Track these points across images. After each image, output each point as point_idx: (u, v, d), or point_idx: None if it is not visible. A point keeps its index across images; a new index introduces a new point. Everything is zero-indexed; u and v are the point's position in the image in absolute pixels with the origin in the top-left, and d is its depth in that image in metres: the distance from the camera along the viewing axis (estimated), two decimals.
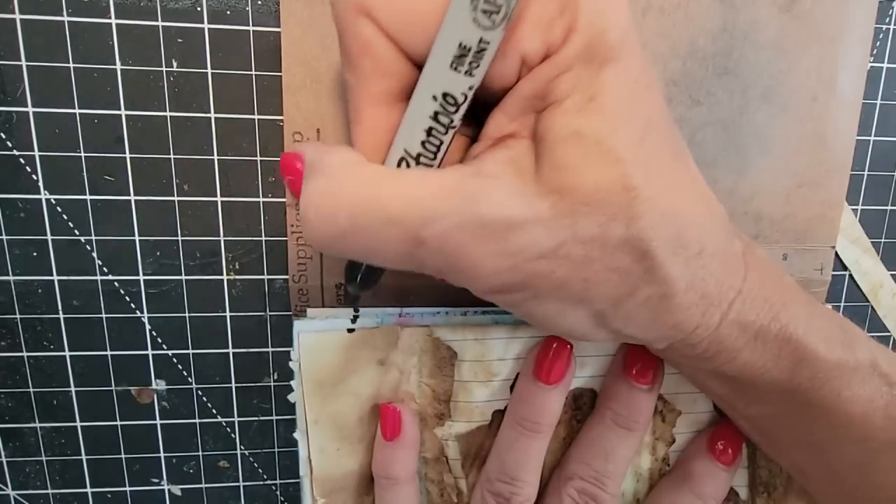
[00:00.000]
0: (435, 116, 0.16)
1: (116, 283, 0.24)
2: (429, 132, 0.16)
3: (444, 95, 0.15)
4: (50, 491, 0.26)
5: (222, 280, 0.24)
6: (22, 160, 0.22)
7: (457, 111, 0.15)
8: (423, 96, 0.16)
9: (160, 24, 0.21)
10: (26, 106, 0.22)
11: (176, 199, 0.23)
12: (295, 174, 0.19)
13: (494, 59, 0.15)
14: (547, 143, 0.15)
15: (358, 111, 0.16)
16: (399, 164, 0.16)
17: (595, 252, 0.15)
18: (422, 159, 0.16)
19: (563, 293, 0.16)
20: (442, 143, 0.16)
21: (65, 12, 0.21)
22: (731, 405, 0.22)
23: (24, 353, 0.24)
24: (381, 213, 0.15)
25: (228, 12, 0.22)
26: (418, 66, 0.16)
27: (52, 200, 0.23)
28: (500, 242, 0.15)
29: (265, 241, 0.24)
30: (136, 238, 0.23)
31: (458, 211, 0.15)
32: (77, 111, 0.22)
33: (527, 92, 0.15)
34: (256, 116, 0.23)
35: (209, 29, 0.22)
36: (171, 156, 0.23)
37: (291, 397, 0.24)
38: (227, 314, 0.25)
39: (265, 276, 0.24)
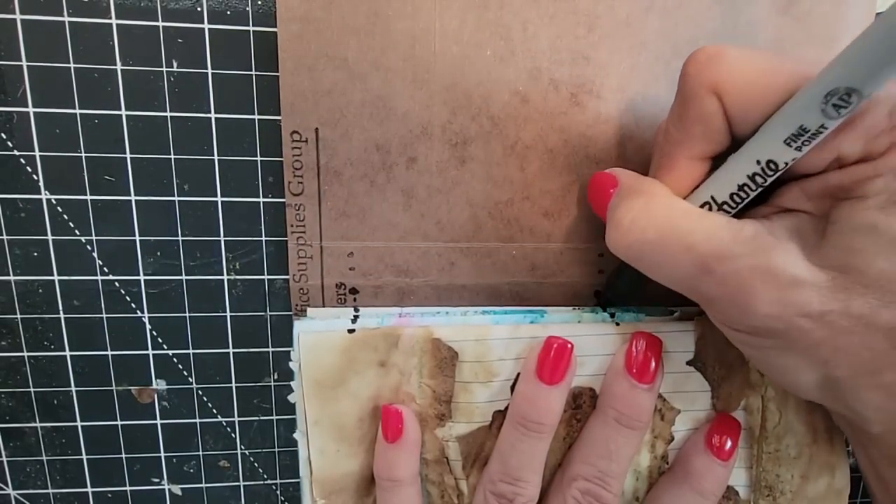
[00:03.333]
0: (752, 177, 0.18)
1: (117, 283, 0.24)
2: (740, 188, 0.19)
3: (769, 162, 0.18)
4: (50, 490, 0.26)
5: (222, 280, 0.24)
6: (22, 160, 0.22)
7: (772, 176, 0.18)
8: (747, 158, 0.18)
9: (160, 24, 0.21)
10: (27, 106, 0.22)
11: (176, 199, 0.23)
12: (603, 193, 0.22)
13: (812, 149, 0.17)
14: (840, 226, 0.17)
15: (673, 160, 0.20)
16: (702, 206, 0.20)
17: (857, 328, 0.17)
18: (724, 207, 0.19)
19: (811, 353, 0.18)
20: (746, 198, 0.19)
21: (65, 12, 0.21)
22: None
23: (25, 353, 0.24)
24: (684, 240, 0.18)
25: (228, 12, 0.22)
26: (733, 136, 0.19)
27: (53, 200, 0.23)
28: (780, 292, 0.17)
29: (265, 241, 0.24)
30: (137, 238, 0.23)
31: (753, 256, 0.17)
32: (77, 111, 0.22)
33: (834, 182, 0.18)
34: (256, 116, 0.23)
35: (209, 29, 0.22)
36: (171, 156, 0.23)
37: (291, 398, 0.24)
38: (227, 314, 0.25)
39: (265, 276, 0.24)
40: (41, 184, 0.22)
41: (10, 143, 0.22)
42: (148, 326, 0.24)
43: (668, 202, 0.19)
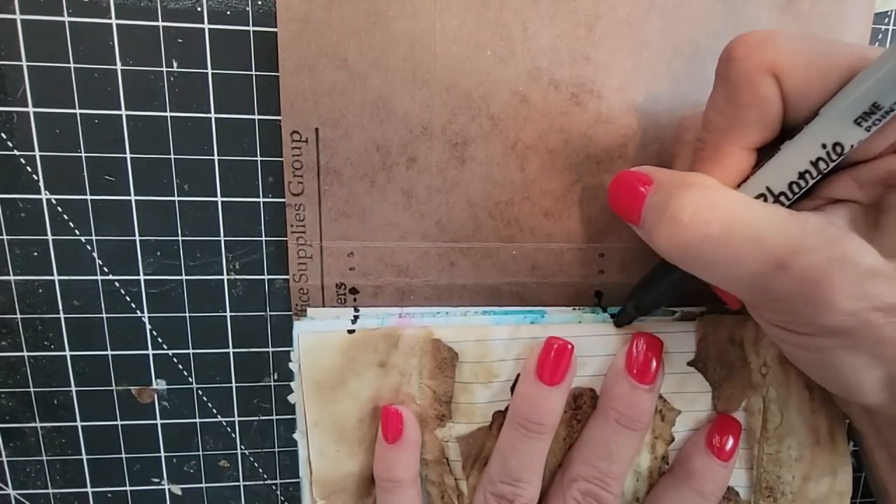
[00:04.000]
0: (815, 162, 0.17)
1: (117, 283, 0.24)
2: (801, 175, 0.18)
3: (835, 145, 0.17)
4: (50, 490, 0.26)
5: (222, 280, 0.24)
6: (22, 160, 0.22)
7: (836, 160, 0.17)
8: (809, 142, 0.17)
9: (160, 24, 0.21)
10: (27, 106, 0.22)
11: (176, 199, 0.23)
12: (633, 192, 0.20)
13: (872, 134, 0.16)
14: None
15: (721, 150, 0.18)
16: (756, 199, 0.18)
17: None
18: (781, 198, 0.18)
19: (879, 349, 0.17)
20: (805, 186, 0.18)
21: (65, 12, 0.21)
22: None
23: (25, 353, 0.24)
24: (751, 232, 0.17)
25: (228, 12, 0.22)
26: (785, 123, 0.18)
27: (53, 200, 0.23)
28: (859, 286, 0.16)
29: (265, 241, 0.24)
30: (137, 238, 0.23)
31: (828, 249, 0.16)
32: (77, 111, 0.22)
33: (890, 167, 0.17)
34: (256, 116, 0.23)
35: (209, 29, 0.22)
36: (171, 156, 0.23)
37: (291, 398, 0.24)
38: (227, 314, 0.25)
39: (265, 276, 0.24)
40: (41, 184, 0.22)
41: (10, 143, 0.22)
42: (148, 326, 0.24)
43: (729, 194, 0.18)
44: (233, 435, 0.26)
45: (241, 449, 0.26)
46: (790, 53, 0.17)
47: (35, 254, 0.23)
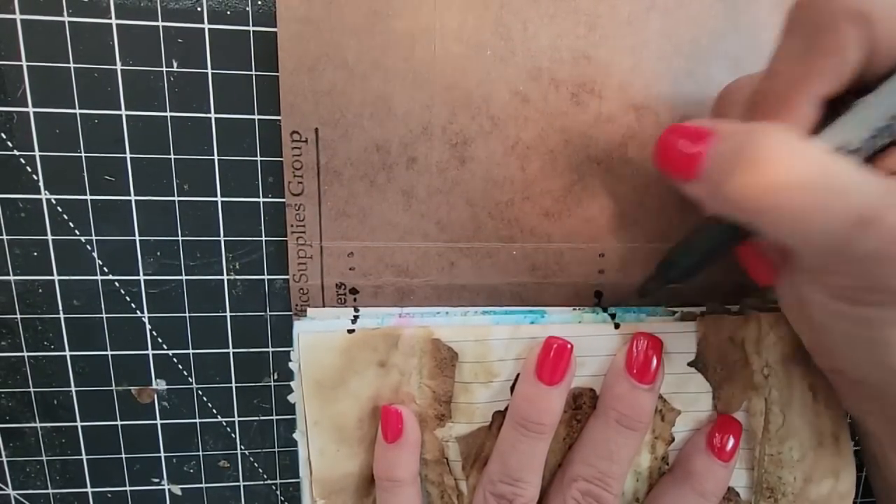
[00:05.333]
0: (894, 117, 0.16)
1: (117, 283, 0.24)
2: (879, 131, 0.16)
3: None
4: (50, 491, 0.26)
5: (222, 280, 0.24)
6: (22, 160, 0.22)
7: None
8: (891, 98, 0.16)
9: (160, 24, 0.21)
10: (27, 106, 0.22)
11: (176, 199, 0.23)
12: (693, 142, 0.18)
13: None
14: None
15: (790, 101, 0.17)
16: None
17: None
18: (859, 153, 0.17)
19: None
20: (883, 143, 0.17)
21: (65, 12, 0.21)
22: None
23: (25, 353, 0.24)
24: (837, 184, 0.15)
25: (228, 12, 0.22)
26: (864, 78, 0.17)
27: (53, 200, 0.23)
28: None
29: (265, 241, 0.24)
30: (137, 238, 0.23)
31: None
32: (77, 111, 0.22)
33: None
34: (256, 116, 0.23)
35: (209, 29, 0.22)
36: (171, 156, 0.23)
37: (291, 398, 0.24)
38: (227, 314, 0.25)
39: (265, 276, 0.24)
40: (41, 184, 0.22)
41: (10, 143, 0.22)
42: (148, 326, 0.24)
43: (810, 143, 0.16)
44: (233, 435, 0.26)
45: (241, 449, 0.26)
46: None
47: (35, 254, 0.23)
